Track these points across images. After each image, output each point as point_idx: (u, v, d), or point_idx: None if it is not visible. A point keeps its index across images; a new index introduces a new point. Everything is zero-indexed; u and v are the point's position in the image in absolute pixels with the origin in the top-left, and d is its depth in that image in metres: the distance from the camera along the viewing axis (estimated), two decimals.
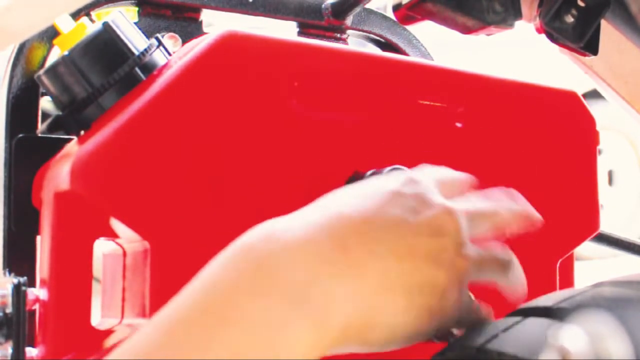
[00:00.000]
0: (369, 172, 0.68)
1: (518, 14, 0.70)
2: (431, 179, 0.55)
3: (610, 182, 3.56)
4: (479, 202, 0.57)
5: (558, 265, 0.80)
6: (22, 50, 0.74)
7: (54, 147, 0.72)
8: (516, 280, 0.58)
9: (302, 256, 0.48)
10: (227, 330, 0.46)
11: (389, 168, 0.67)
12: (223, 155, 0.66)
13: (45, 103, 0.77)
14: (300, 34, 0.88)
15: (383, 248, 0.50)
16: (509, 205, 0.58)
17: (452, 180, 0.58)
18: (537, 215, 0.59)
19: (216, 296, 0.47)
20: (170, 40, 0.79)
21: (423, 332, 0.52)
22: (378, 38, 0.92)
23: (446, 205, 0.53)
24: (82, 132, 0.67)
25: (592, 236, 0.84)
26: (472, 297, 0.56)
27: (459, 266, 0.53)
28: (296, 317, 0.46)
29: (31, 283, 0.69)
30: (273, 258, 0.48)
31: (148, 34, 0.71)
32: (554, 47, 0.74)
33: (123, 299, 0.69)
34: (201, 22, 0.82)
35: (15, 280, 0.67)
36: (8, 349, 0.66)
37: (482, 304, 0.56)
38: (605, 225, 0.85)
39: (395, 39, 0.92)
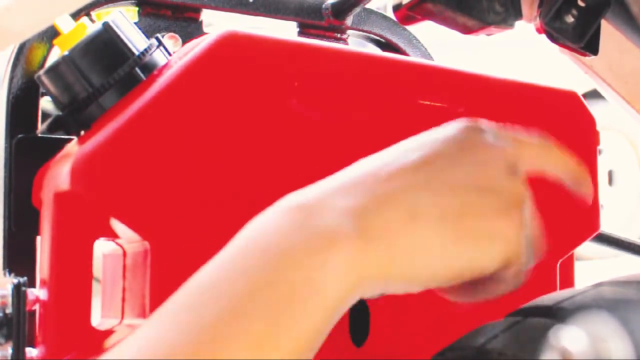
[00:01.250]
0: None
1: (518, 14, 0.70)
2: (494, 127, 0.56)
3: (610, 182, 3.56)
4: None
5: (558, 265, 0.80)
6: (22, 51, 0.74)
7: (54, 147, 0.72)
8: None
9: (334, 200, 0.50)
10: (273, 263, 0.47)
11: None
12: (223, 155, 0.66)
13: (45, 103, 0.77)
14: (300, 34, 0.88)
15: (412, 182, 0.51)
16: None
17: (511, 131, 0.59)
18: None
19: (259, 237, 0.49)
20: (170, 40, 0.79)
21: (470, 260, 0.51)
22: (378, 38, 0.92)
23: (498, 145, 0.54)
24: (82, 132, 0.67)
25: (592, 236, 0.84)
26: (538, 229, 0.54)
27: (513, 191, 0.53)
28: (334, 251, 0.47)
29: (31, 283, 0.69)
30: (309, 203, 0.49)
31: (148, 34, 0.71)
32: (554, 47, 0.74)
33: (123, 299, 0.69)
34: (201, 22, 0.82)
35: (15, 281, 0.67)
36: (8, 349, 0.67)
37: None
38: (605, 225, 0.85)
39: (395, 39, 0.92)
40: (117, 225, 0.66)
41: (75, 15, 0.74)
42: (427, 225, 0.50)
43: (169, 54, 0.70)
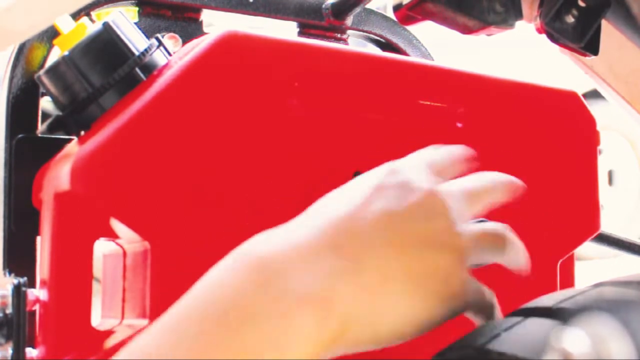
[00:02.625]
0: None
1: (518, 14, 0.70)
2: (415, 164, 0.55)
3: (610, 182, 3.56)
4: (466, 181, 0.57)
5: (559, 265, 0.80)
6: (22, 51, 0.74)
7: (54, 148, 0.72)
8: (516, 254, 0.57)
9: (300, 258, 0.49)
10: (231, 330, 0.46)
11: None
12: (223, 156, 0.66)
13: (45, 103, 0.77)
14: (300, 34, 0.88)
15: (376, 241, 0.50)
16: (492, 177, 0.58)
17: (441, 160, 0.58)
18: (519, 182, 0.59)
19: (218, 299, 0.47)
20: (170, 40, 0.79)
21: (434, 319, 0.52)
22: (378, 38, 0.92)
23: (431, 189, 0.53)
24: (82, 133, 0.67)
25: (592, 236, 0.84)
26: (476, 280, 0.55)
27: (457, 245, 0.52)
28: (298, 311, 0.47)
29: (31, 283, 0.69)
30: (272, 261, 0.48)
31: (148, 34, 0.71)
32: (555, 47, 0.74)
33: (123, 300, 0.69)
34: (201, 22, 0.82)
35: (16, 281, 0.67)
36: (8, 349, 0.66)
37: (486, 287, 0.56)
38: (605, 226, 0.85)
39: (395, 39, 0.92)
40: (117, 225, 0.66)
41: (75, 15, 0.74)
42: (398, 286, 0.50)
43: (169, 54, 0.70)
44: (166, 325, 0.47)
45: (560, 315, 0.50)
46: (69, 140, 0.71)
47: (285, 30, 0.89)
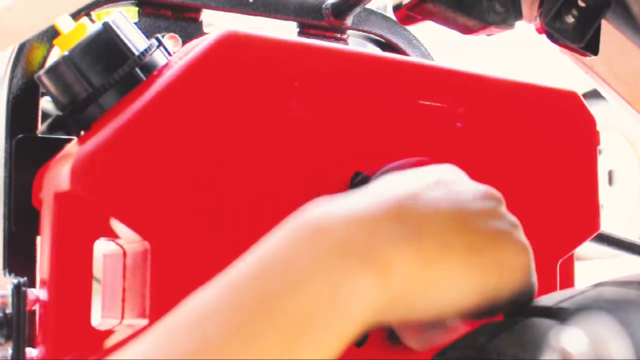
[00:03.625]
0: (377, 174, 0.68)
1: (518, 14, 0.70)
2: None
3: (610, 182, 3.56)
4: None
5: (559, 265, 0.80)
6: (22, 51, 0.74)
7: (54, 148, 0.72)
8: None
9: (361, 223, 0.49)
10: (292, 288, 0.46)
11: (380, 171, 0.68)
12: (223, 156, 0.66)
13: (45, 103, 0.77)
14: (300, 34, 0.88)
15: (437, 216, 0.52)
16: None
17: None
18: None
19: (280, 258, 0.47)
20: (170, 40, 0.79)
21: (493, 291, 0.53)
22: (378, 38, 0.92)
23: (486, 187, 0.56)
24: (82, 133, 0.67)
25: (592, 236, 0.84)
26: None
27: (513, 227, 0.55)
28: (360, 270, 0.47)
29: (31, 283, 0.69)
30: (332, 226, 0.48)
31: (148, 34, 0.71)
32: (555, 47, 0.74)
33: (123, 300, 0.69)
34: (201, 22, 0.82)
35: (16, 281, 0.67)
36: (8, 349, 0.66)
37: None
38: (605, 226, 0.85)
39: (395, 39, 0.92)
40: (117, 225, 0.66)
41: (75, 16, 0.74)
42: (456, 255, 0.51)
43: (169, 54, 0.70)
44: (223, 287, 0.47)
45: (559, 315, 0.50)
46: (69, 140, 0.71)
47: (285, 30, 0.89)
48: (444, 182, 0.54)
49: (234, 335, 0.44)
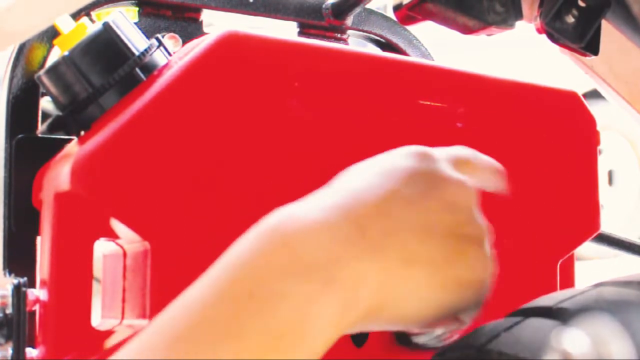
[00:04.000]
0: None
1: (519, 14, 0.70)
2: (445, 153, 0.56)
3: (610, 182, 3.56)
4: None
5: (559, 265, 0.80)
6: (22, 51, 0.74)
7: (54, 148, 0.72)
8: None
9: (324, 238, 0.49)
10: (255, 307, 0.46)
11: None
12: (223, 156, 0.66)
13: (45, 103, 0.77)
14: (300, 34, 0.88)
15: (400, 226, 0.51)
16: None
17: (467, 157, 0.59)
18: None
19: (243, 274, 0.47)
20: (170, 40, 0.79)
21: (454, 304, 0.52)
22: (378, 38, 0.92)
23: (461, 181, 0.54)
24: (82, 133, 0.67)
25: (592, 236, 0.84)
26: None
27: (479, 237, 0.54)
28: (324, 295, 0.47)
29: (31, 284, 0.69)
30: (296, 238, 0.48)
31: (148, 34, 0.71)
32: (555, 47, 0.74)
33: (123, 300, 0.69)
34: (201, 22, 0.82)
35: (16, 281, 0.67)
36: (8, 349, 0.66)
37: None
38: (605, 226, 0.85)
39: (395, 39, 0.92)
40: (117, 225, 0.66)
41: (75, 16, 0.74)
42: (419, 271, 0.51)
43: (169, 54, 0.70)
44: (190, 304, 0.47)
45: (560, 315, 0.50)
46: (69, 140, 0.71)
47: (285, 30, 0.89)
48: (413, 182, 0.53)
49: (204, 356, 0.45)
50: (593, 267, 3.09)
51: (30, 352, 0.66)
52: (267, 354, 0.45)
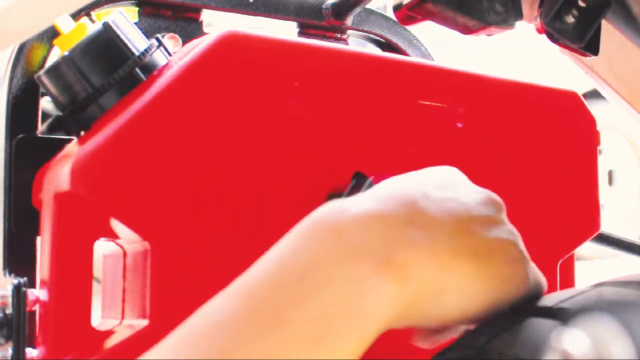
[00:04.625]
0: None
1: (519, 14, 0.70)
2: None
3: (610, 182, 3.56)
4: None
5: (559, 265, 0.80)
6: (22, 51, 0.74)
7: (54, 148, 0.72)
8: None
9: (375, 224, 0.49)
10: (306, 292, 0.46)
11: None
12: (223, 156, 0.66)
13: (45, 103, 0.77)
14: (300, 34, 0.88)
15: (445, 221, 0.51)
16: None
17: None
18: None
19: (292, 261, 0.47)
20: (170, 40, 0.79)
21: (498, 299, 0.53)
22: (378, 38, 0.92)
23: (488, 192, 0.56)
24: (82, 133, 0.67)
25: (592, 236, 0.84)
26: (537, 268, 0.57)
27: (514, 235, 0.54)
28: (377, 275, 0.47)
29: (31, 284, 0.69)
30: (346, 225, 0.48)
31: (148, 34, 0.71)
32: (555, 48, 0.74)
33: (123, 300, 0.69)
34: (201, 22, 0.82)
35: (16, 281, 0.67)
36: (8, 349, 0.66)
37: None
38: (605, 226, 0.85)
39: (395, 39, 0.92)
40: (117, 225, 0.66)
41: (75, 16, 0.74)
42: (465, 263, 0.51)
43: (169, 54, 0.70)
44: (238, 292, 0.47)
45: (560, 315, 0.50)
46: (69, 140, 0.71)
47: (285, 30, 0.89)
48: (450, 184, 0.54)
49: (251, 344, 0.44)
50: (593, 267, 3.09)
51: (30, 352, 0.66)
52: (319, 339, 0.45)
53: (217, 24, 1.55)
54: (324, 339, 0.45)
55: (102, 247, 0.71)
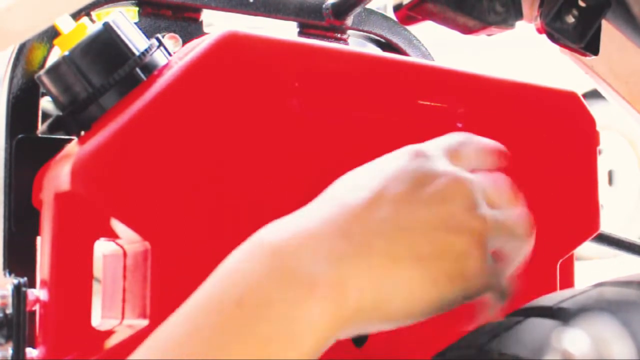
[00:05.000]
0: None
1: (519, 14, 0.70)
2: (441, 148, 0.56)
3: (610, 182, 3.56)
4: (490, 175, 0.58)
5: (559, 265, 0.80)
6: (23, 51, 0.74)
7: (54, 148, 0.71)
8: (516, 250, 0.57)
9: (308, 245, 0.50)
10: (242, 315, 0.47)
11: None
12: (223, 156, 0.66)
13: (46, 103, 0.77)
14: (300, 34, 0.88)
15: (385, 226, 0.51)
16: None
17: (469, 148, 0.58)
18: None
19: (231, 284, 0.49)
20: (170, 40, 0.79)
21: (446, 299, 0.52)
22: (378, 38, 0.92)
23: (453, 173, 0.54)
24: (83, 133, 0.67)
25: (592, 236, 0.84)
26: (495, 262, 0.55)
27: (474, 228, 0.53)
28: (309, 298, 0.48)
29: (31, 284, 0.69)
30: (282, 247, 0.49)
31: (148, 34, 0.70)
32: (555, 48, 0.74)
33: (123, 300, 0.69)
34: (201, 22, 0.82)
35: (16, 281, 0.67)
36: (8, 349, 0.66)
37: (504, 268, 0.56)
38: (605, 226, 0.85)
39: (395, 39, 0.92)
40: (117, 225, 0.66)
41: (76, 16, 0.74)
42: (407, 267, 0.51)
43: (170, 54, 0.70)
44: (184, 315, 0.49)
45: (560, 315, 0.50)
46: (69, 140, 0.71)
47: (285, 30, 0.89)
48: (401, 181, 0.53)
49: None
50: (593, 267, 3.09)
51: (30, 352, 0.66)
52: None
53: (217, 24, 1.55)
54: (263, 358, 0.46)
55: (102, 247, 0.71)
